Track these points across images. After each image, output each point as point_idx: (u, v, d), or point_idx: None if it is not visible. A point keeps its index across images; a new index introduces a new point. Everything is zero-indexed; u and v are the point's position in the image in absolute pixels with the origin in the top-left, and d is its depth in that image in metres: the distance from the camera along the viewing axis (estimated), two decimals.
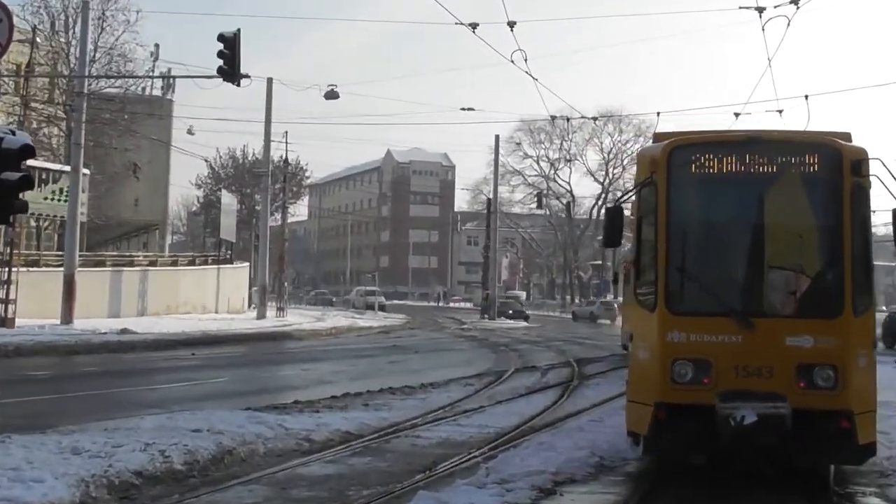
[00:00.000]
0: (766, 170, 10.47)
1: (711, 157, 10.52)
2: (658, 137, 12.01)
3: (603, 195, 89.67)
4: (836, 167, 10.20)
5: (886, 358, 26.85)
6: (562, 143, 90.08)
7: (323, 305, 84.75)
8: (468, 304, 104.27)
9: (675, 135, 11.48)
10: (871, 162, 10.26)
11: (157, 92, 59.90)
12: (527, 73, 26.16)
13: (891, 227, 10.24)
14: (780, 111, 33.37)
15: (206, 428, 12.76)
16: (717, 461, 10.53)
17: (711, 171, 10.51)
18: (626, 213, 12.38)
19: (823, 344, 9.91)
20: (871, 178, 10.25)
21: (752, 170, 10.46)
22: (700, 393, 9.96)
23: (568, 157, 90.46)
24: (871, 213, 10.54)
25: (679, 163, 10.48)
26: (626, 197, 13.05)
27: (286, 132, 56.95)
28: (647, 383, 10.54)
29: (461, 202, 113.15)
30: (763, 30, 25.48)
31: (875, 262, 10.65)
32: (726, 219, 10.87)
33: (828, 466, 10.79)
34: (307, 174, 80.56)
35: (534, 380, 22.94)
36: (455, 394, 19.30)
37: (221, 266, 55.10)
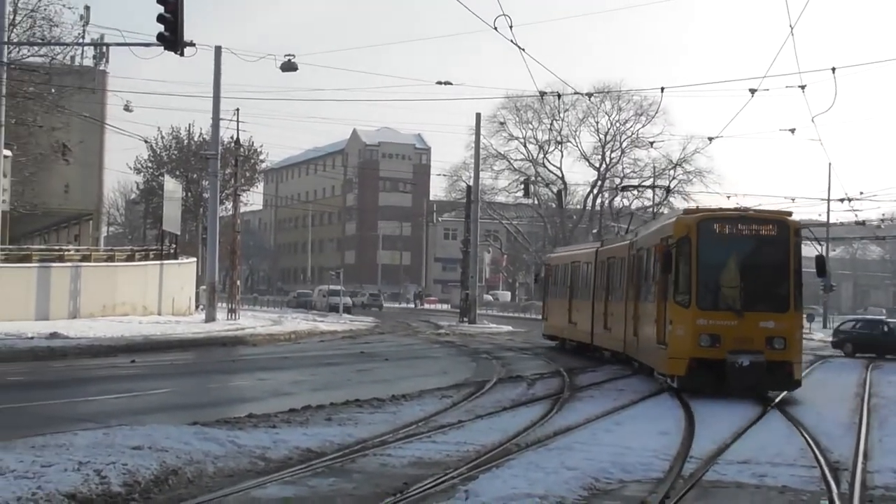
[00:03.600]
0: (749, 232, 23.53)
1: (721, 224, 23.59)
2: (687, 212, 26.15)
3: (599, 182, 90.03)
4: (785, 232, 23.32)
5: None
6: (552, 123, 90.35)
7: (305, 309, 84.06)
8: (445, 306, 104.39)
9: (699, 210, 25.77)
10: (802, 230, 23.74)
11: (89, 62, 59.49)
12: (512, 41, 26.37)
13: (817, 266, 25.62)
14: (803, 87, 33.66)
15: (147, 445, 12.82)
16: (717, 390, 22.15)
17: (721, 232, 23.46)
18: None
19: (779, 326, 22.75)
20: (802, 238, 23.55)
21: (742, 232, 23.50)
22: (715, 352, 22.43)
23: (559, 139, 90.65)
24: (802, 257, 23.46)
25: (703, 228, 23.37)
26: (674, 242, 23.56)
27: (237, 109, 57.01)
28: (683, 347, 22.77)
29: (437, 190, 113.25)
30: None
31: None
32: (728, 258, 23.43)
33: (778, 391, 23.15)
34: (262, 157, 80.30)
35: (519, 391, 23.10)
36: (430, 407, 19.43)
37: (165, 262, 54.98)
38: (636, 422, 18.06)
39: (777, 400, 22.19)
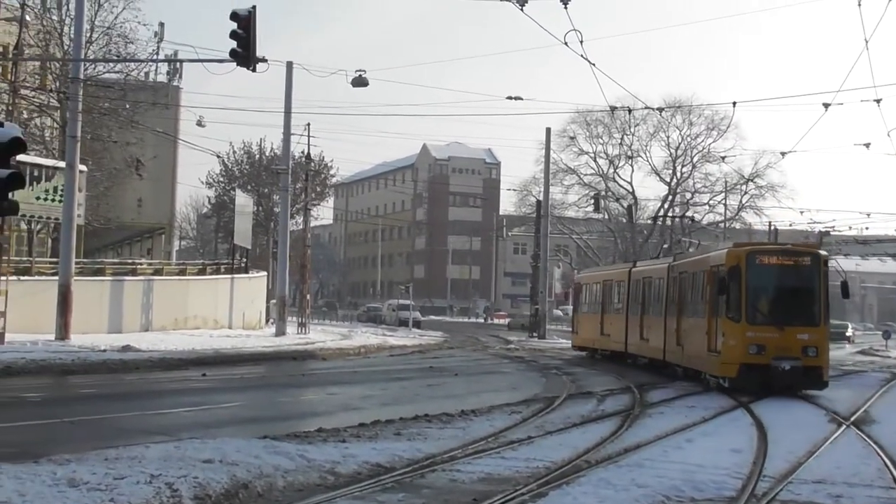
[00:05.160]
0: (788, 262, 28.46)
1: (764, 256, 28.48)
2: (737, 245, 31.19)
3: (669, 196, 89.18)
4: (816, 262, 28.19)
5: None
6: (622, 138, 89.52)
7: (374, 323, 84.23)
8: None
9: (748, 243, 33.20)
10: (829, 261, 29.05)
11: (163, 78, 60.45)
12: (582, 56, 26.28)
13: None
14: (879, 100, 33.35)
15: (218, 458, 12.91)
16: (762, 389, 26.51)
17: (767, 262, 28.27)
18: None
19: (812, 337, 27.50)
20: (830, 266, 28.93)
21: (782, 262, 28.44)
22: (761, 358, 26.90)
23: (630, 154, 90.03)
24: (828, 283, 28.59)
25: (751, 259, 28.02)
26: (726, 269, 28.22)
27: (308, 124, 57.16)
28: (734, 354, 27.29)
29: (507, 205, 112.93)
30: (859, 5, 25.47)
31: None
32: (770, 283, 28.65)
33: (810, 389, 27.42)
34: (332, 172, 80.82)
35: (589, 408, 22.98)
36: (499, 423, 19.37)
37: (235, 276, 55.45)
38: (708, 439, 17.86)
39: (853, 419, 21.84)
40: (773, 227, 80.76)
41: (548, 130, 71.76)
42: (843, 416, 22.30)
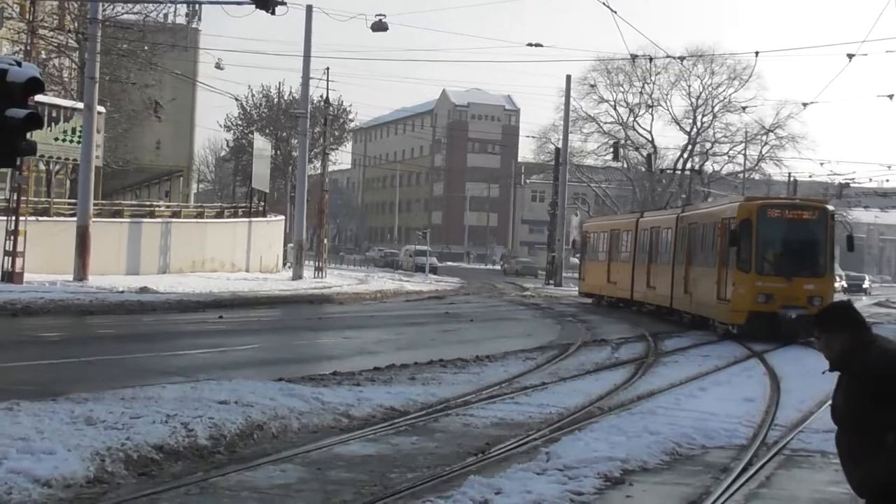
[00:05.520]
0: (796, 216, 29.69)
1: (775, 210, 29.89)
2: (749, 199, 33.24)
3: (689, 146, 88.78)
4: (823, 216, 29.60)
5: None
6: (643, 86, 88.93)
7: (391, 268, 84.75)
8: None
9: (758, 198, 35.74)
10: (836, 215, 31.56)
11: (182, 20, 60.16)
12: (603, 3, 26.11)
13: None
14: None
15: (233, 399, 13.05)
16: (769, 336, 27.21)
17: (776, 215, 29.57)
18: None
19: (818, 287, 28.75)
20: (837, 221, 31.15)
21: (790, 216, 29.67)
22: (769, 306, 28.19)
23: (650, 103, 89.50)
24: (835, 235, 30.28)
25: (761, 212, 29.32)
26: (737, 222, 29.34)
27: (327, 68, 56.99)
28: (744, 302, 28.28)
29: (526, 152, 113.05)
30: None
31: None
32: (780, 235, 29.87)
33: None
34: (351, 117, 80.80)
35: (603, 355, 23.10)
36: (513, 368, 19.53)
37: (253, 219, 55.58)
38: (721, 388, 17.92)
39: None
40: (792, 179, 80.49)
41: (568, 78, 71.44)
42: None
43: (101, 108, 39.52)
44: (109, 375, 16.45)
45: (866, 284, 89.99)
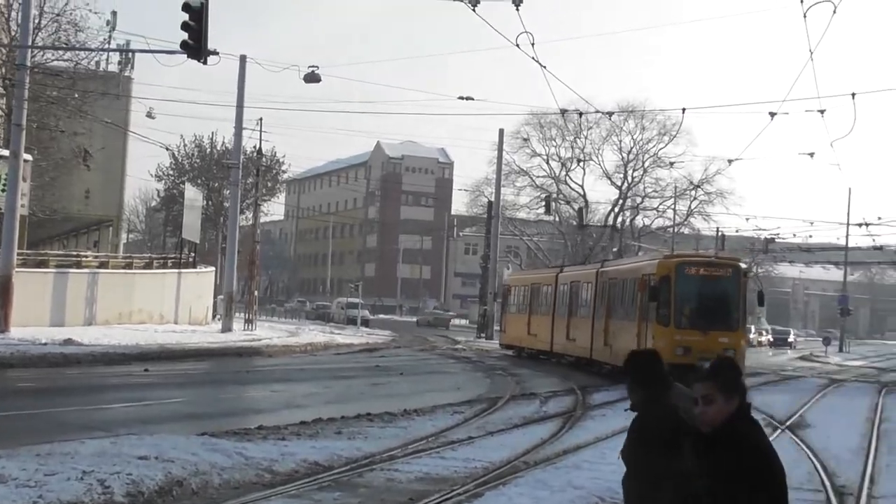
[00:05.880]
0: (712, 273, 31.86)
1: (693, 267, 32.04)
2: (667, 256, 35.32)
3: (620, 200, 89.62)
4: (737, 273, 31.97)
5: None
6: (575, 141, 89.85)
7: (323, 321, 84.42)
8: (464, 321, 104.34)
9: (676, 255, 37.42)
10: (748, 272, 35.48)
11: (114, 68, 59.86)
12: (534, 59, 26.28)
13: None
14: (822, 111, 33.62)
15: (154, 455, 12.82)
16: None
17: (693, 272, 31.68)
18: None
19: (731, 340, 30.56)
20: (749, 277, 35.46)
21: (708, 273, 31.82)
22: (687, 359, 27.39)
23: (582, 157, 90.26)
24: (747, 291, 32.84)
25: (680, 269, 31.50)
26: (657, 278, 31.46)
27: (260, 119, 57.09)
28: (663, 354, 23.90)
29: (459, 205, 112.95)
30: (805, 16, 25.53)
31: None
32: (698, 292, 31.74)
33: None
34: (284, 167, 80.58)
35: (531, 409, 23.08)
36: (441, 422, 19.41)
37: (183, 270, 55.05)
38: None
39: (788, 423, 22.08)
40: (720, 234, 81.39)
41: (501, 131, 71.96)
42: (780, 420, 22.54)
43: (28, 156, 38.97)
44: (27, 430, 16.08)
45: (791, 338, 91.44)
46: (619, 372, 31.71)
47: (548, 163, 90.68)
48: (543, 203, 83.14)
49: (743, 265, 33.56)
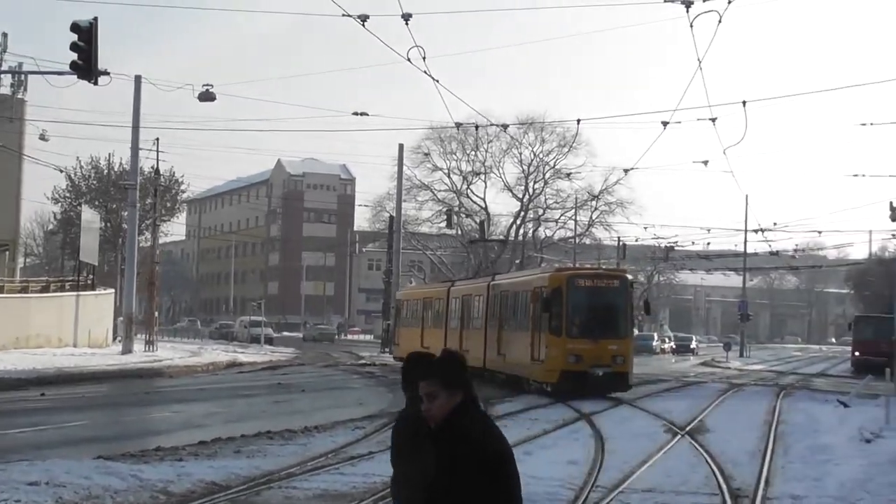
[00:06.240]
0: (601, 284, 33.20)
1: (583, 279, 33.15)
2: (559, 269, 38.20)
3: (522, 213, 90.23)
4: (624, 284, 33.53)
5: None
6: (475, 154, 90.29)
7: (226, 340, 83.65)
8: (368, 336, 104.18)
9: (570, 269, 40.89)
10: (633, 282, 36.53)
11: (6, 90, 58.83)
12: (425, 72, 26.35)
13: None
14: (714, 119, 34.10)
15: (45, 480, 12.62)
16: (578, 393, 29.44)
17: (584, 284, 32.73)
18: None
19: (620, 348, 32.00)
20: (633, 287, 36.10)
21: (599, 284, 33.18)
22: (579, 366, 31.01)
23: (483, 170, 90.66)
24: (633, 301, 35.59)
25: (570, 281, 32.42)
26: (549, 290, 32.23)
27: (157, 139, 56.50)
28: (556, 363, 31.25)
29: (361, 221, 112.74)
30: (691, 26, 25.91)
31: None
32: (588, 303, 32.70)
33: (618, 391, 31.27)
34: (183, 188, 79.83)
35: None
36: (341, 438, 19.38)
37: (81, 293, 54.26)
38: (547, 451, 18.08)
39: (688, 429, 22.36)
40: (621, 243, 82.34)
41: (400, 147, 71.78)
42: (679, 426, 22.82)
43: None
44: None
45: (693, 345, 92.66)
46: (512, 380, 34.46)
47: (449, 176, 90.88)
48: (445, 217, 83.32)
49: (629, 276, 35.31)
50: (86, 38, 27.41)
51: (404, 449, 5.48)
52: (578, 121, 39.53)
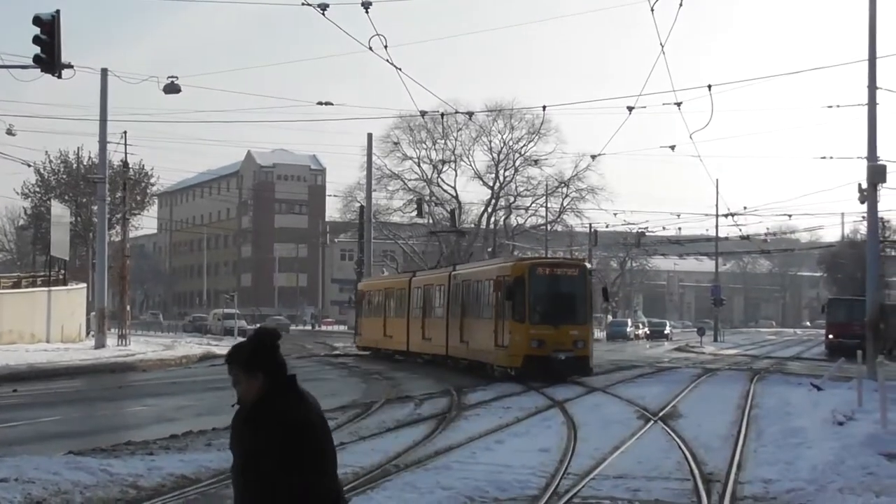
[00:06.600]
0: (561, 273, 34.64)
1: (543, 268, 34.48)
2: (521, 259, 40.17)
3: (493, 200, 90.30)
4: (583, 272, 34.83)
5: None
6: (445, 142, 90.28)
7: (200, 333, 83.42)
8: (342, 327, 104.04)
9: (531, 258, 40.66)
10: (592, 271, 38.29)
11: None
12: (388, 61, 26.29)
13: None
14: (679, 104, 34.24)
15: (13, 477, 12.55)
16: (541, 376, 31.09)
17: (545, 273, 34.09)
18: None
19: (580, 333, 33.26)
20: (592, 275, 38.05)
21: (559, 273, 34.58)
22: (541, 350, 32.34)
23: (453, 159, 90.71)
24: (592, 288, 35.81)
25: (532, 270, 33.74)
26: (512, 279, 33.29)
27: (125, 132, 55.96)
28: (520, 348, 32.50)
29: (333, 211, 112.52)
30: (652, 10, 25.92)
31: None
32: (549, 290, 34.04)
33: (579, 375, 32.64)
34: (153, 181, 79.38)
35: (406, 412, 23.04)
36: None
37: (53, 288, 54.02)
38: (518, 439, 18.09)
39: (660, 415, 22.41)
40: (592, 230, 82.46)
41: (369, 136, 71.68)
42: (652, 412, 22.85)
43: None
44: None
45: (667, 330, 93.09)
46: (475, 366, 36.04)
47: (419, 165, 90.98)
48: (416, 206, 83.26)
49: (588, 265, 37.48)
50: (48, 31, 27.29)
51: (232, 434, 5.48)
52: (544, 107, 40.48)
